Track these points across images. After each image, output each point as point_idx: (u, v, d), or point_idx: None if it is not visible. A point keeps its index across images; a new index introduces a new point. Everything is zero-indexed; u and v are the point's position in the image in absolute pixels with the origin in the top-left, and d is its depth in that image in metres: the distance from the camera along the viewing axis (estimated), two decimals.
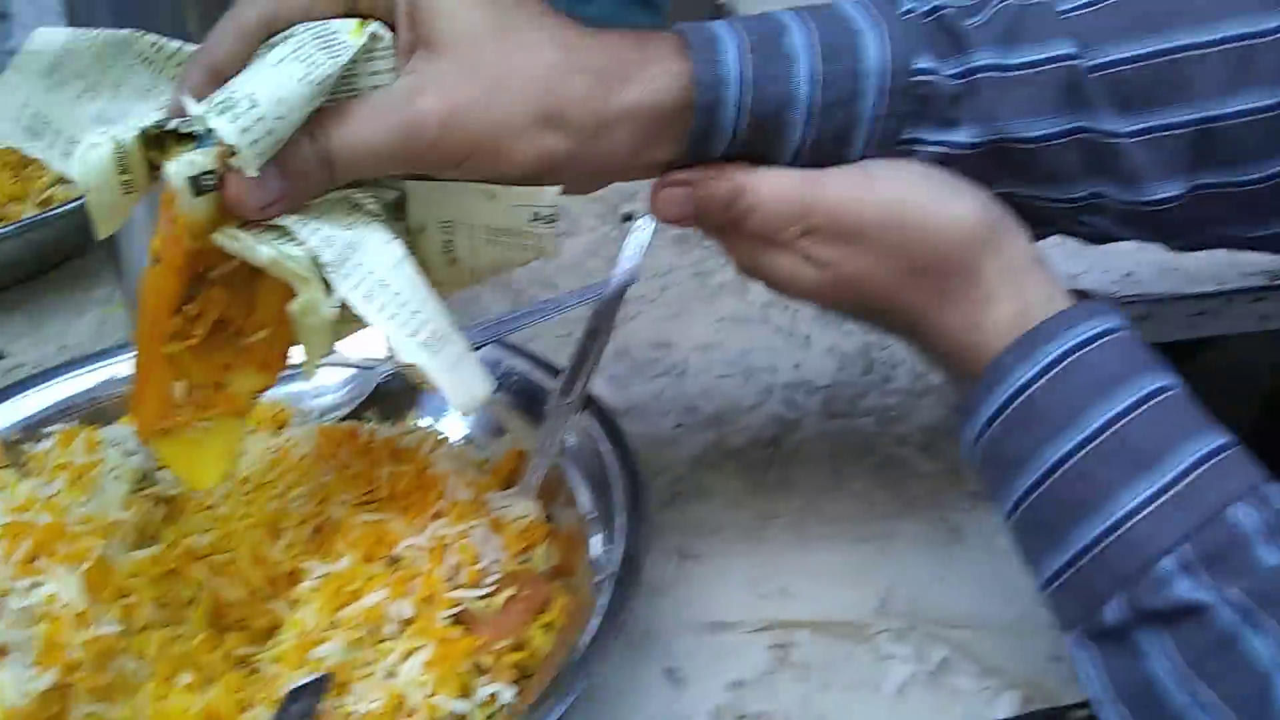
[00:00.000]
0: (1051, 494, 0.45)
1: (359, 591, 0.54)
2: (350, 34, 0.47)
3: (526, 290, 0.92)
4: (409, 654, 0.51)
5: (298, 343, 0.51)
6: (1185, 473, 0.43)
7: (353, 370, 0.72)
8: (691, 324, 0.87)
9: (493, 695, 0.51)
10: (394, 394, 0.71)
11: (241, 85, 0.45)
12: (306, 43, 0.46)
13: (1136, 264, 0.86)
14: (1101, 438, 0.44)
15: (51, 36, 0.49)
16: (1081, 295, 0.50)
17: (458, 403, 0.48)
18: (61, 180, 1.05)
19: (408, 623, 0.53)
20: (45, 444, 0.63)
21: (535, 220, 0.51)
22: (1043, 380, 0.46)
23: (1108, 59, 0.49)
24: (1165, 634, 0.42)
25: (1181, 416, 0.45)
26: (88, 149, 0.46)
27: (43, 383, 0.70)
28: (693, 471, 0.71)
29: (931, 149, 0.52)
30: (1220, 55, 0.48)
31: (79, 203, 0.95)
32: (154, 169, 0.47)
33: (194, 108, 0.45)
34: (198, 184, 0.45)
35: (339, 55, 0.46)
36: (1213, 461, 0.43)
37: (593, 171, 0.51)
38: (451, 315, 0.48)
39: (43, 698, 0.48)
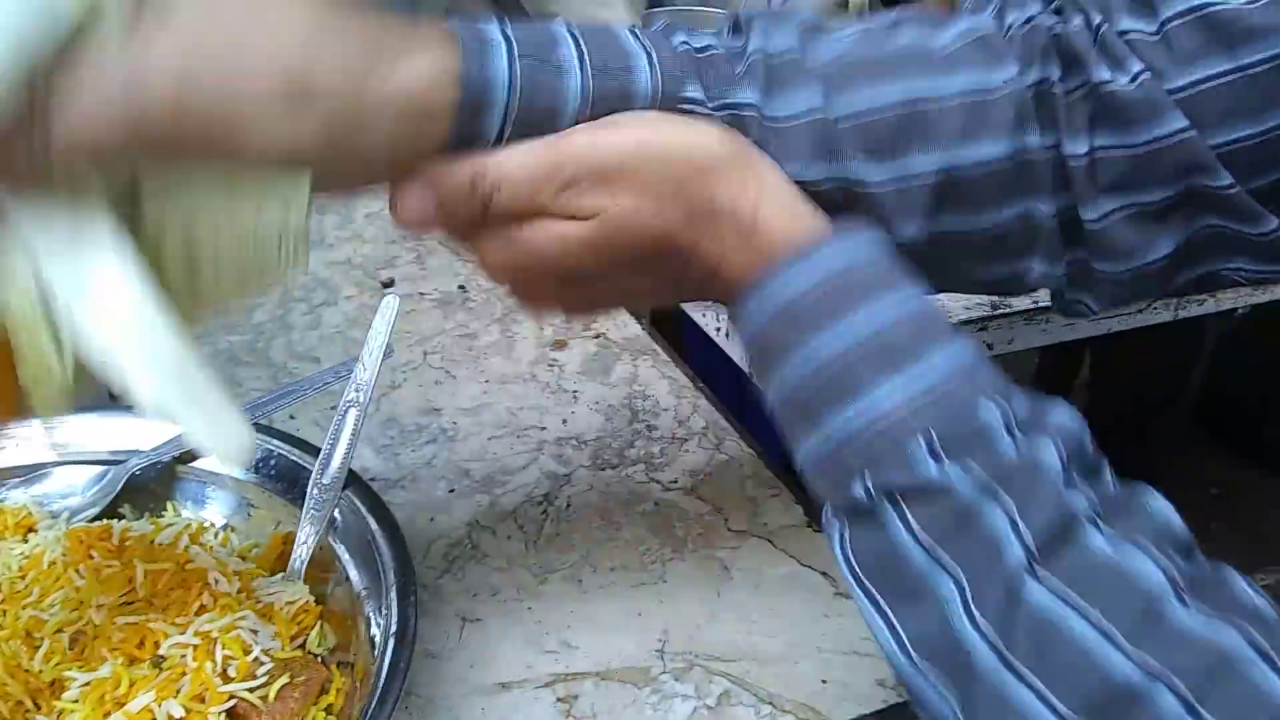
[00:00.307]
0: (813, 380, 0.46)
1: (124, 697, 0.52)
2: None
3: (286, 365, 0.91)
4: None
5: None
6: (939, 372, 0.45)
7: (101, 466, 0.69)
8: (459, 387, 0.88)
9: None
10: (148, 486, 0.69)
11: None
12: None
13: None
14: (866, 336, 0.45)
15: None
16: None
17: (227, 457, 0.45)
18: None
19: None
20: None
21: (286, 223, 0.45)
22: (813, 282, 0.46)
23: (853, 109, 0.52)
24: (908, 508, 0.44)
25: (936, 324, 0.47)
26: None
27: None
28: (469, 535, 0.72)
29: None
30: (958, 107, 0.52)
31: None
32: None
33: None
34: None
35: (57, 21, 0.39)
36: (964, 366, 0.46)
37: (345, 164, 0.45)
38: (199, 355, 0.44)
39: None
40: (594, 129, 0.48)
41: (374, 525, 0.62)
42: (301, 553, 0.62)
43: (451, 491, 0.76)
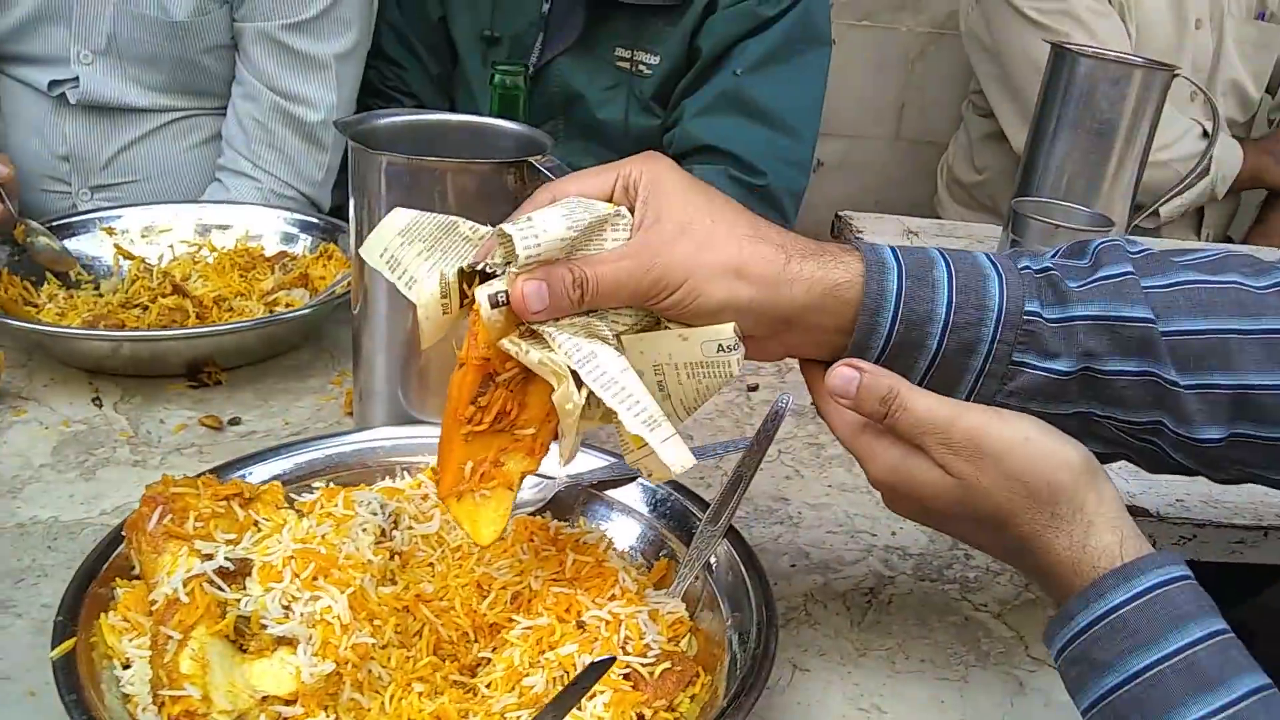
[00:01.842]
0: (1130, 696, 0.58)
1: (556, 643, 0.69)
2: (604, 205, 0.68)
3: None
4: (594, 695, 0.66)
5: (555, 438, 0.69)
6: (1239, 700, 0.56)
7: (538, 479, 0.88)
8: (805, 485, 1.03)
9: None
10: (567, 502, 0.87)
11: (531, 215, 0.66)
12: (573, 205, 0.67)
13: (1186, 493, 1.01)
14: (1178, 658, 0.57)
15: (403, 214, 0.71)
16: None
17: (672, 464, 0.63)
18: (282, 286, 1.25)
19: None
20: (309, 496, 0.79)
21: (720, 351, 0.67)
22: (1135, 604, 0.59)
23: (1174, 328, 0.67)
24: None
25: (1238, 655, 0.58)
26: (422, 283, 0.68)
27: (292, 451, 0.87)
28: (804, 604, 0.86)
29: (1035, 372, 0.69)
30: (1259, 341, 0.66)
31: (299, 312, 1.15)
32: (463, 300, 0.68)
33: (508, 227, 0.65)
34: (494, 300, 0.66)
35: (595, 212, 0.67)
36: (1262, 697, 0.56)
37: (770, 321, 0.67)
38: (661, 410, 0.65)
39: (324, 680, 0.64)
40: (986, 413, 0.64)
41: (744, 571, 0.77)
42: (685, 576, 0.78)
43: (793, 567, 0.91)
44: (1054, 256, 0.72)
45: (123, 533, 0.73)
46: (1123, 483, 1.07)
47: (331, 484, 0.82)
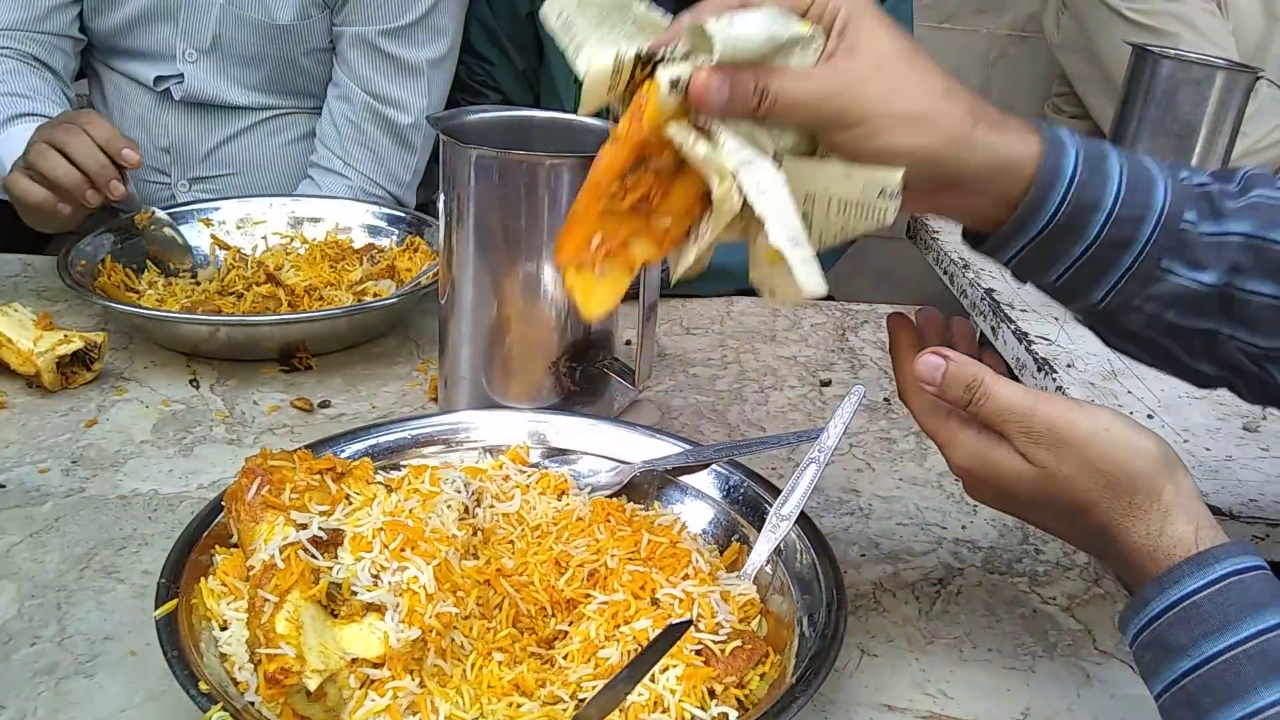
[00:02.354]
0: (1204, 680, 0.59)
1: (631, 618, 0.72)
2: (802, 26, 0.65)
3: (739, 427, 1.11)
4: (666, 669, 0.68)
5: (687, 238, 0.69)
6: None
7: (614, 463, 0.91)
8: (876, 479, 1.04)
9: (723, 714, 0.68)
10: (642, 486, 0.90)
11: (735, 16, 0.64)
12: (776, 15, 0.65)
13: (1260, 493, 1.01)
14: (1252, 644, 0.58)
15: None
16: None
17: (805, 284, 0.62)
18: (370, 277, 1.30)
19: None
20: (397, 473, 0.83)
21: (880, 196, 0.64)
22: (1209, 590, 0.60)
23: None
24: None
25: None
26: (595, 57, 0.67)
27: (381, 430, 0.91)
28: (873, 592, 0.87)
29: (1179, 280, 0.69)
30: None
31: (387, 301, 1.19)
32: (629, 84, 0.67)
33: (710, 25, 0.63)
34: (675, 84, 0.64)
35: (792, 30, 0.65)
36: None
37: (938, 178, 0.65)
38: (806, 230, 0.63)
39: (410, 645, 0.67)
40: (1067, 403, 0.66)
41: (815, 556, 0.79)
42: (755, 561, 0.80)
43: (862, 556, 0.92)
44: (1212, 177, 0.72)
45: (222, 502, 0.77)
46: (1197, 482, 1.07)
47: (417, 463, 0.86)
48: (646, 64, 0.66)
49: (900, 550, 0.93)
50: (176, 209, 1.37)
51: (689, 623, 0.66)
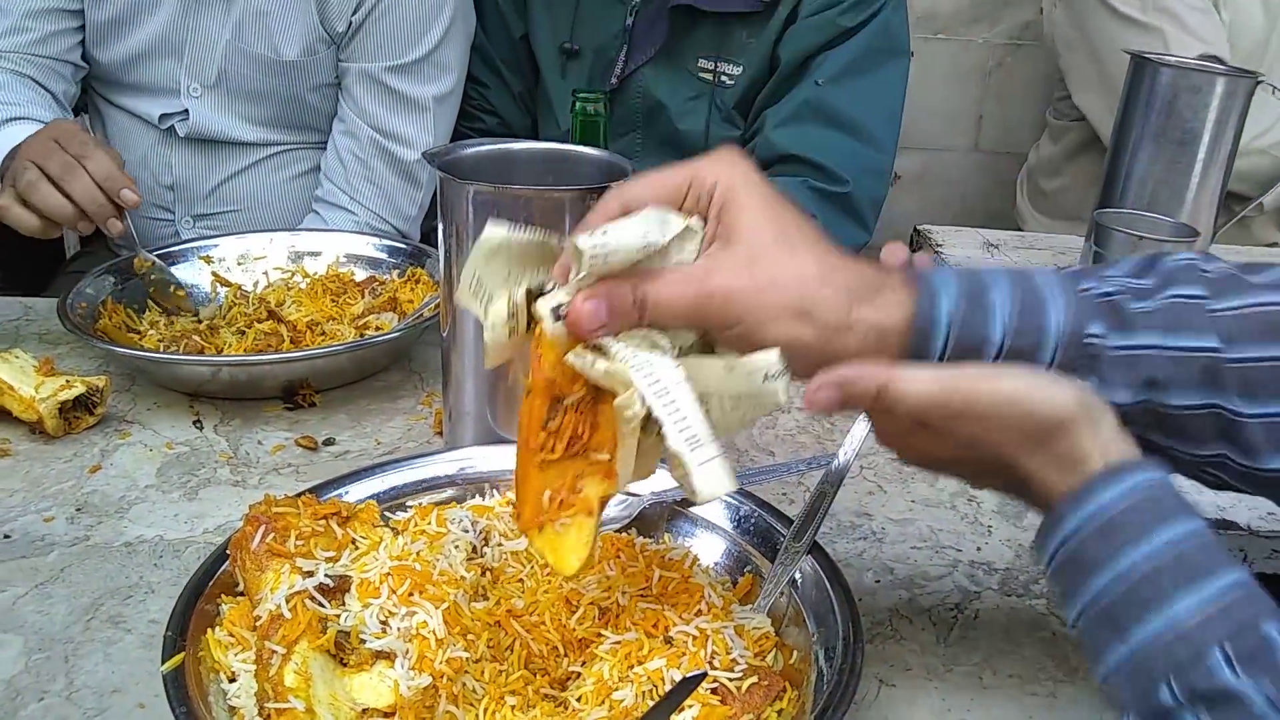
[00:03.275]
0: (1121, 593, 0.58)
1: (644, 658, 0.71)
2: (679, 218, 0.66)
3: (748, 452, 1.10)
4: (681, 709, 0.67)
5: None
6: (1227, 590, 0.56)
7: (623, 496, 0.90)
8: (888, 501, 1.03)
9: None
10: (652, 518, 0.89)
11: (609, 227, 0.65)
12: (651, 217, 0.65)
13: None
14: (1165, 553, 0.57)
15: (496, 232, 0.70)
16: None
17: (702, 491, 0.63)
18: (372, 310, 1.29)
19: None
20: (403, 514, 0.82)
21: (766, 379, 0.65)
22: (1124, 503, 0.59)
23: (1242, 355, 0.66)
24: (1210, 713, 0.53)
25: (1220, 549, 0.58)
26: (494, 306, 0.69)
27: (386, 470, 0.90)
28: (890, 619, 0.86)
29: None
30: None
31: (389, 335, 1.18)
32: (529, 323, 0.69)
33: (581, 240, 0.64)
34: (556, 313, 0.66)
35: (669, 230, 0.66)
36: (1246, 587, 0.56)
37: (823, 361, 0.65)
38: (710, 430, 0.64)
39: (421, 693, 0.66)
40: (980, 374, 0.64)
41: (830, 586, 0.78)
42: (769, 593, 0.79)
43: (877, 582, 0.91)
44: (1124, 275, 0.71)
45: (228, 551, 0.76)
46: (1212, 495, 1.06)
47: (424, 503, 0.85)
48: (537, 298, 0.67)
49: (915, 575, 0.92)
50: (175, 247, 1.37)
51: (704, 675, 0.65)
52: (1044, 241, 1.78)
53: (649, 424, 0.66)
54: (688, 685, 0.64)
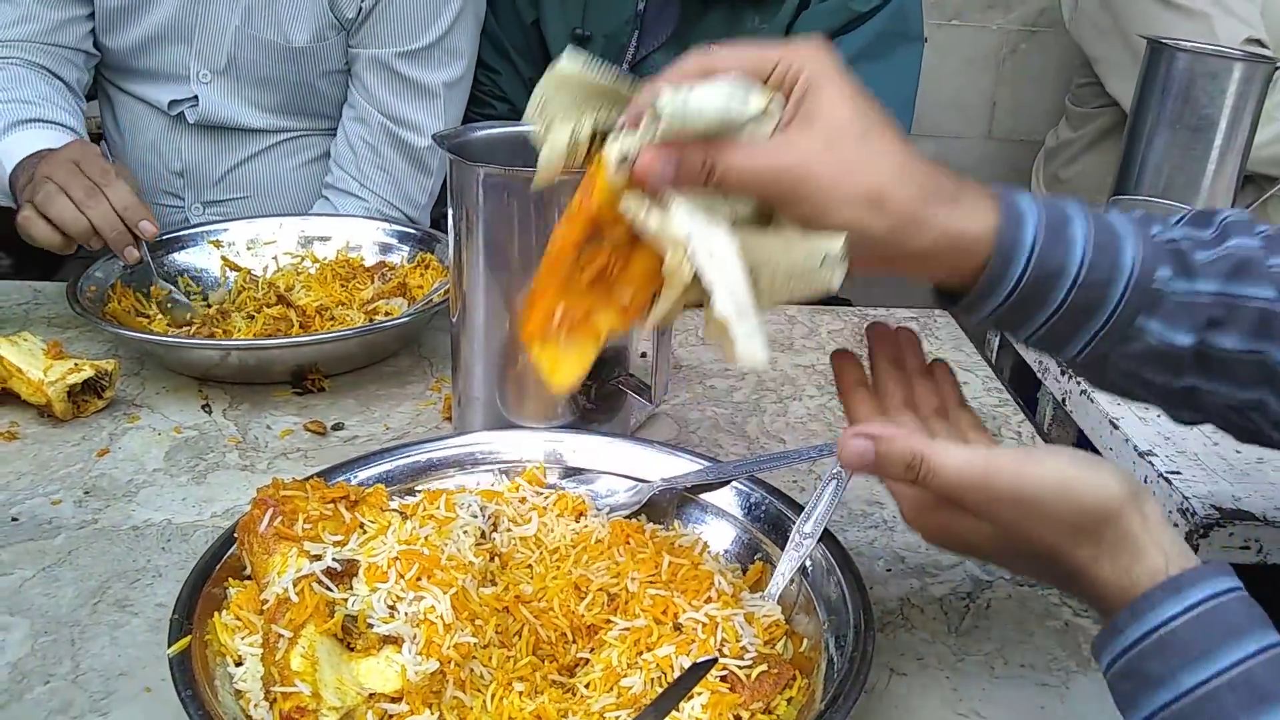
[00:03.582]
0: (1183, 712, 0.56)
1: (653, 644, 0.70)
2: (761, 95, 0.64)
3: (758, 439, 1.09)
4: (691, 697, 0.67)
5: (651, 305, 0.68)
6: None
7: (633, 482, 0.89)
8: None
9: None
10: (662, 505, 0.88)
11: (689, 88, 0.63)
12: (735, 87, 0.63)
13: None
14: (1232, 673, 0.55)
15: (572, 62, 0.69)
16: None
17: (744, 357, 0.62)
18: (381, 295, 1.28)
19: None
20: (411, 499, 0.81)
21: (823, 264, 0.63)
22: (1186, 617, 0.57)
23: None
24: None
25: None
26: (555, 133, 0.69)
27: (394, 455, 0.89)
28: (901, 608, 0.85)
29: (1154, 338, 0.67)
30: None
31: (398, 320, 1.17)
32: (585, 158, 0.69)
33: (661, 100, 0.62)
34: (624, 159, 0.64)
35: (751, 104, 0.63)
36: None
37: (889, 256, 0.64)
38: (755, 304, 0.62)
39: (429, 678, 0.65)
40: (1021, 455, 0.62)
41: (841, 574, 0.77)
42: (779, 581, 0.78)
43: (888, 571, 0.90)
44: (1180, 224, 0.71)
45: (235, 534, 0.75)
46: (1227, 485, 1.05)
47: (433, 488, 0.84)
48: (603, 140, 0.66)
49: (926, 564, 0.91)
50: (184, 231, 1.36)
51: (714, 661, 0.64)
52: None
53: (691, 285, 0.65)
54: (697, 671, 0.64)
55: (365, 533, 0.75)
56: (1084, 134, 2.22)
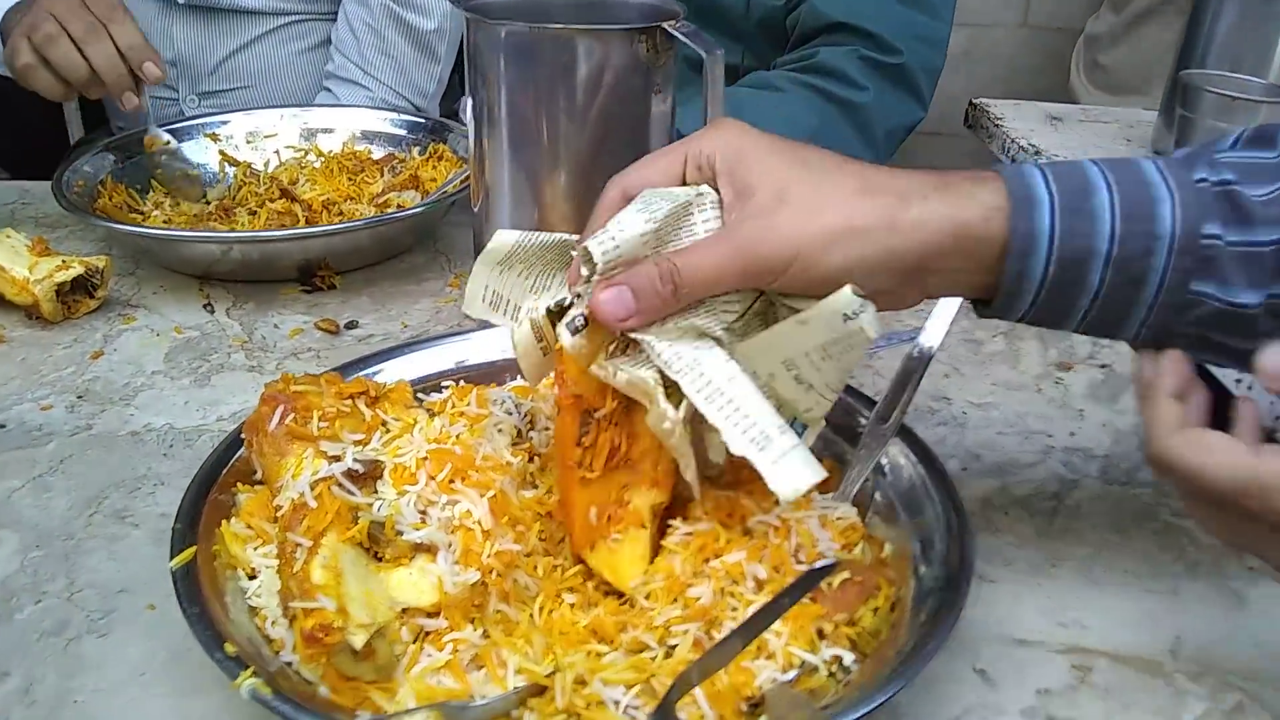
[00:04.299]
0: None
1: (720, 550, 0.62)
2: (684, 191, 0.60)
3: None
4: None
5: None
6: None
7: None
8: (966, 384, 0.93)
9: (836, 657, 0.58)
10: None
11: (611, 221, 0.59)
12: (650, 198, 0.60)
13: None
14: None
15: (503, 237, 0.66)
16: None
17: (781, 491, 0.55)
18: (392, 188, 1.19)
19: (762, 583, 0.60)
20: (438, 395, 0.72)
21: (848, 320, 0.57)
22: None
23: None
24: None
25: None
26: (516, 328, 0.64)
27: (416, 349, 0.80)
28: (982, 510, 0.77)
29: (1217, 304, 0.58)
30: None
31: (412, 210, 1.08)
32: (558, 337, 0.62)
33: (590, 244, 0.58)
34: (573, 327, 0.59)
35: (673, 199, 0.59)
36: None
37: (901, 276, 0.58)
38: (779, 420, 0.57)
39: (469, 590, 0.57)
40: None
41: (923, 472, 0.69)
42: (854, 479, 0.70)
43: (964, 470, 0.82)
44: (1235, 148, 0.61)
45: (242, 435, 0.67)
46: None
47: (461, 383, 0.75)
48: (560, 314, 0.61)
49: (1005, 462, 0.83)
50: (180, 124, 1.26)
51: (834, 565, 0.55)
52: (1110, 115, 1.65)
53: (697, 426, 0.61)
54: (814, 577, 0.54)
55: (388, 431, 0.67)
56: (1126, 15, 2.09)
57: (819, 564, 0.57)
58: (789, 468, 0.56)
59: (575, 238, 0.65)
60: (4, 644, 0.63)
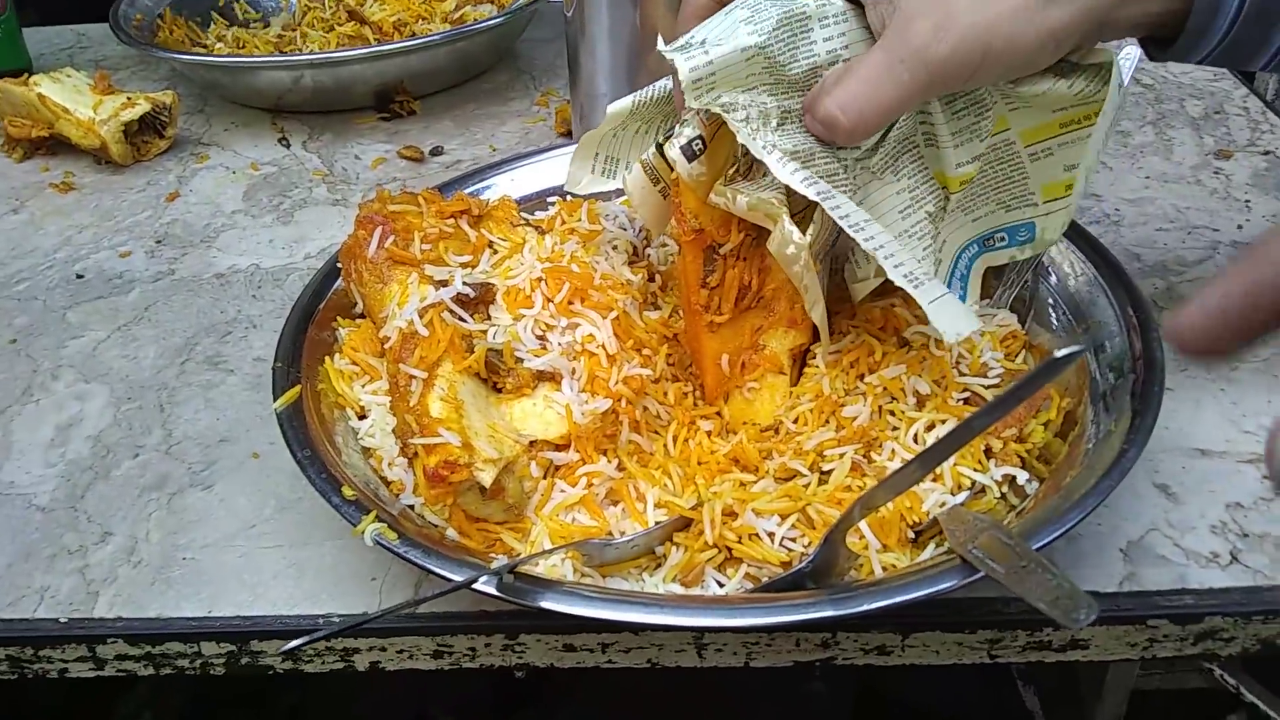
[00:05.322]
0: None
1: (875, 365, 0.55)
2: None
3: None
4: (932, 426, 0.52)
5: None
6: None
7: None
8: (1117, 178, 0.84)
9: (1008, 476, 0.51)
10: None
11: (697, 31, 0.50)
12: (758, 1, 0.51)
13: None
14: None
15: (620, 105, 0.58)
16: None
17: (943, 329, 0.49)
18: (466, 3, 1.10)
19: (923, 399, 0.54)
20: (544, 213, 0.66)
21: (1121, 88, 0.52)
22: None
23: None
24: None
25: None
26: (628, 176, 0.57)
27: (516, 167, 0.74)
28: None
29: None
30: None
31: (490, 22, 0.99)
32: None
33: (663, 49, 0.50)
34: (689, 150, 0.51)
35: (786, 7, 0.50)
36: None
37: (1093, 29, 0.50)
38: (929, 267, 0.53)
39: (600, 420, 0.52)
40: None
41: (1093, 269, 0.61)
42: (1012, 281, 0.62)
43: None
44: None
45: (338, 264, 0.61)
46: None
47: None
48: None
49: (1168, 260, 0.74)
50: None
51: (1081, 351, 0.45)
52: None
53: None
54: (1058, 365, 0.45)
55: (496, 252, 0.60)
56: None
57: (1066, 350, 0.45)
58: (949, 309, 0.49)
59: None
60: (103, 502, 0.59)
